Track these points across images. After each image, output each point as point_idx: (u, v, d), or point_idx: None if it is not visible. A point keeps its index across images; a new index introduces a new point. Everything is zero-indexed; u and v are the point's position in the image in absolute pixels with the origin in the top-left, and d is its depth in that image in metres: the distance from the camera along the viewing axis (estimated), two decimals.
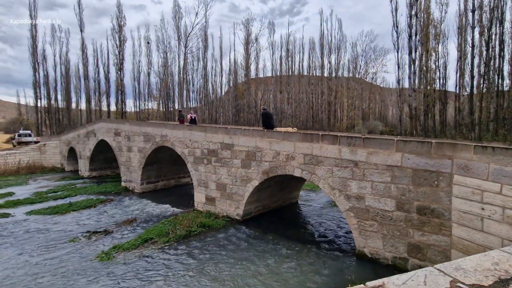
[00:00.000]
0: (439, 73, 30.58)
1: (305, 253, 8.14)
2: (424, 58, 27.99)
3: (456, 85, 27.21)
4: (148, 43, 41.57)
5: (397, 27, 28.36)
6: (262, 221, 10.82)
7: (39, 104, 39.48)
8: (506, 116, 19.17)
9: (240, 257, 7.84)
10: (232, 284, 6.47)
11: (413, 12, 26.01)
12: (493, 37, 22.75)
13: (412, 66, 26.14)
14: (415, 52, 26.15)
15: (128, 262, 7.57)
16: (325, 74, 50.40)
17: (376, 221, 7.42)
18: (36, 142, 28.88)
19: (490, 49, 22.28)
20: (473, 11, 22.98)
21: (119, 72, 37.61)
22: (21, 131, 33.40)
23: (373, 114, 59.89)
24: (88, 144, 20.53)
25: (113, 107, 41.64)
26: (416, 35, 26.23)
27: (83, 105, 44.12)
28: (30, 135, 31.95)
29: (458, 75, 26.83)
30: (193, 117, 15.74)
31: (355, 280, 6.52)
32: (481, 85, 21.84)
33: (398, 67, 28.62)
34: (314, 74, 51.71)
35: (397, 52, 28.87)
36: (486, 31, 22.18)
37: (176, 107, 43.49)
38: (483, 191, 5.63)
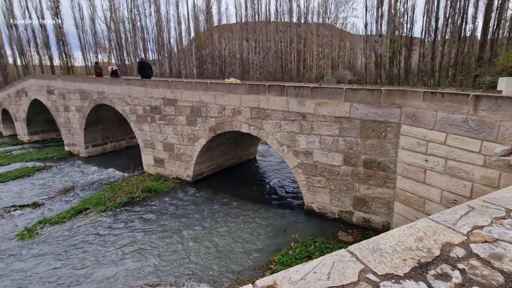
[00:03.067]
0: (407, 17, 29.55)
1: (254, 212, 7.80)
2: (393, 0, 26.57)
3: (422, 30, 26.60)
4: None
5: None
6: (215, 181, 10.26)
7: None
8: (465, 62, 19.21)
9: (178, 223, 7.29)
10: (158, 255, 5.95)
11: None
12: None
13: (380, 8, 24.73)
14: None
15: (52, 238, 6.72)
16: (294, 20, 47.28)
17: (324, 177, 7.05)
18: None
19: None
20: None
21: (55, 18, 32.08)
22: None
23: (343, 63, 58.90)
24: (21, 105, 17.88)
25: (58, 61, 36.54)
26: None
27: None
28: None
29: (425, 19, 26.05)
30: (113, 69, 13.93)
31: (299, 238, 6.31)
32: (444, 29, 21.34)
33: (366, 9, 27.03)
34: (283, 20, 48.29)
35: None
36: None
37: (136, 60, 39.23)
38: (428, 142, 5.23)
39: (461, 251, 2.05)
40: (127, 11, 35.99)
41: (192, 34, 40.91)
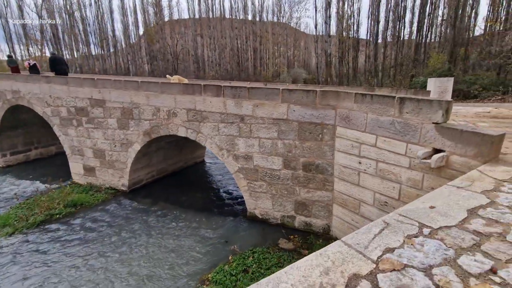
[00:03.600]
0: (353, 19, 31.06)
1: (194, 222, 7.20)
2: (340, 3, 27.66)
3: (367, 32, 28.17)
4: None
5: None
6: (155, 189, 9.40)
7: None
8: (404, 62, 20.74)
9: (99, 244, 6.38)
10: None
11: None
12: None
13: (328, 10, 25.57)
14: None
15: None
16: (249, 17, 47.06)
17: (265, 181, 6.73)
18: None
19: None
20: None
21: None
22: None
23: (298, 62, 60.35)
24: None
25: None
26: None
27: None
28: None
29: (369, 22, 27.59)
30: (31, 64, 12.34)
31: (238, 249, 5.89)
32: (386, 32, 22.81)
33: (316, 10, 27.77)
34: (238, 17, 47.75)
35: None
36: None
37: (75, 54, 35.30)
38: (361, 144, 5.17)
39: (367, 285, 1.75)
40: None
41: (141, 27, 38.26)
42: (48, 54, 37.79)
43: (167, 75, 12.38)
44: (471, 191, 2.82)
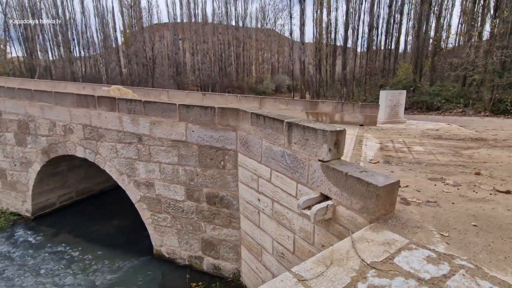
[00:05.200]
0: (331, 27, 30.63)
1: (92, 262, 5.97)
2: (318, 11, 27.14)
3: (343, 41, 27.65)
4: None
5: None
6: (69, 215, 8.10)
7: None
8: (373, 72, 20.17)
9: None
10: None
11: None
12: None
13: (302, 17, 24.94)
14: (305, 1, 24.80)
15: None
16: (232, 23, 46.28)
17: (169, 214, 5.59)
18: None
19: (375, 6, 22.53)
20: None
21: None
22: None
23: (282, 68, 59.76)
24: None
25: None
26: None
27: None
28: None
29: (344, 30, 27.13)
30: None
31: None
32: (357, 42, 22.29)
33: (291, 17, 27.18)
34: (221, 23, 46.87)
35: (290, 1, 27.10)
36: None
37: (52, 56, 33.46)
38: (259, 177, 4.11)
39: None
40: None
41: (118, 30, 36.79)
42: (15, 55, 35.90)
43: (104, 87, 11.05)
44: None
